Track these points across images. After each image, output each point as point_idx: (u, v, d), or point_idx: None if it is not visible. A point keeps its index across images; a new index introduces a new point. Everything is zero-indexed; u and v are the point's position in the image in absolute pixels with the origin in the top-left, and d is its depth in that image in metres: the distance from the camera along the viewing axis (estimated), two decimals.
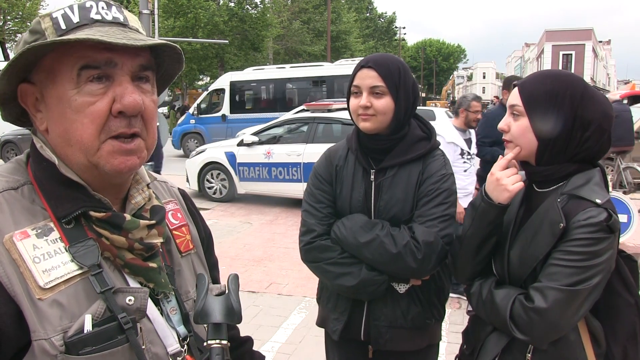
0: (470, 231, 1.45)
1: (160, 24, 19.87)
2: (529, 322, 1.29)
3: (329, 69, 16.01)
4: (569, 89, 1.34)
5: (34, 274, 0.75)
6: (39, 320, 0.73)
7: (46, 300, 0.74)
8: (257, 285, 4.81)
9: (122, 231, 0.83)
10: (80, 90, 0.78)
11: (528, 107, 1.37)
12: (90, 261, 0.79)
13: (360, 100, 1.66)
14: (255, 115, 15.64)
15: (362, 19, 46.60)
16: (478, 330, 1.51)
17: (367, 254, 1.64)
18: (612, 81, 74.57)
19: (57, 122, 0.81)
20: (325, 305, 1.85)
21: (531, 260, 1.34)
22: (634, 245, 6.01)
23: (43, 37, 0.79)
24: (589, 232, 1.25)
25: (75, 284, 0.78)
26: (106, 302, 0.78)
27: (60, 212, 0.80)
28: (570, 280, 1.25)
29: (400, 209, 1.67)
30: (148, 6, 7.49)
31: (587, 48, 44.83)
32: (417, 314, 1.71)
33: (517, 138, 1.40)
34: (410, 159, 1.70)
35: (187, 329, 0.93)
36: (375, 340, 1.73)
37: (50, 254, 0.78)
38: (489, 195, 1.40)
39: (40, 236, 0.78)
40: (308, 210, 1.77)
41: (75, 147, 0.81)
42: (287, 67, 16.92)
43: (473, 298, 1.48)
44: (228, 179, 8.48)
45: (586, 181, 1.34)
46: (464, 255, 1.49)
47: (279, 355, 3.51)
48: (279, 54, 31.51)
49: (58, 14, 0.81)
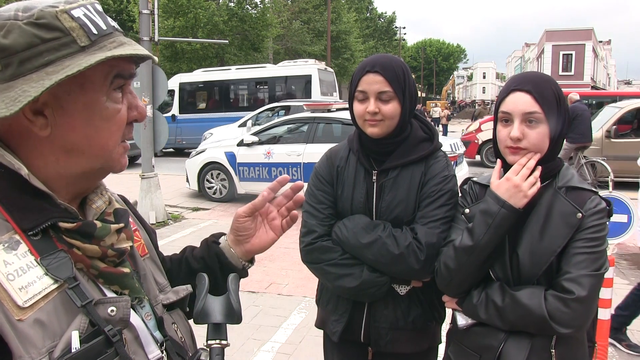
0: (484, 240, 1.39)
1: (160, 24, 19.85)
2: (571, 314, 1.31)
3: (271, 71, 16.89)
4: (560, 89, 1.44)
5: (10, 293, 0.68)
6: (22, 344, 0.67)
7: (26, 320, 0.68)
8: (257, 285, 4.81)
9: (93, 239, 0.78)
10: (109, 98, 0.79)
11: (547, 113, 1.38)
12: (64, 274, 0.73)
13: (366, 105, 1.64)
14: (203, 115, 16.49)
15: (362, 19, 46.57)
16: (483, 342, 1.45)
17: (369, 255, 1.63)
18: (612, 81, 74.58)
19: (77, 129, 0.77)
20: (325, 307, 1.85)
21: (547, 255, 1.37)
22: (634, 245, 6.01)
23: (67, 36, 0.73)
24: (600, 218, 1.37)
25: (54, 299, 0.72)
26: (88, 315, 0.73)
27: (25, 223, 0.73)
28: (597, 265, 1.34)
29: (403, 210, 1.67)
30: (148, 6, 7.47)
31: (587, 48, 44.78)
32: (417, 315, 1.70)
33: (535, 145, 1.40)
34: (412, 160, 1.69)
35: (162, 333, 0.90)
36: (376, 342, 1.73)
37: (24, 269, 0.71)
38: (508, 201, 1.38)
39: (8, 250, 0.71)
40: (309, 211, 1.76)
41: (88, 153, 0.79)
42: (232, 69, 17.65)
43: (480, 308, 1.43)
44: (228, 179, 8.48)
45: (572, 174, 1.45)
46: (472, 265, 1.43)
47: (279, 355, 3.51)
48: (279, 54, 31.48)
49: (78, 12, 0.75)
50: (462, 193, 1.62)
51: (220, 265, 1.10)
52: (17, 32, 0.71)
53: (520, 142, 1.40)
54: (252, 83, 17.13)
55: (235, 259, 1.12)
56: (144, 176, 7.41)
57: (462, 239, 1.45)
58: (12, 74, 0.72)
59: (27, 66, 0.72)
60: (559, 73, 43.88)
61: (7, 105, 0.70)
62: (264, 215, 1.13)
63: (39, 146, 0.77)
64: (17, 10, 0.73)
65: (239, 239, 1.11)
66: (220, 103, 17.20)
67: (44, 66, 0.72)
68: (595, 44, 49.10)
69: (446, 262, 1.49)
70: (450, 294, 1.54)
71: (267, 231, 1.13)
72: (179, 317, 0.98)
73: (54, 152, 0.78)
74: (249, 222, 1.11)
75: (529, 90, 1.39)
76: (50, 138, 0.77)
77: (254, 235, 1.12)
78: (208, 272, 1.04)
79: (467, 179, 1.64)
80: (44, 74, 0.71)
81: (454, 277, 1.47)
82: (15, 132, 0.77)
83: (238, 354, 3.48)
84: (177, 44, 23.59)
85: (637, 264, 5.52)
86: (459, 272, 1.46)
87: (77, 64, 0.72)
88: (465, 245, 1.43)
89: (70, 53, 0.73)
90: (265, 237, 1.12)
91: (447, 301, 1.58)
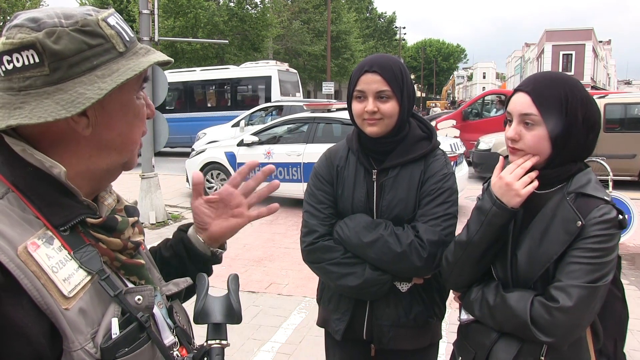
0: (477, 236, 1.41)
1: (160, 24, 19.87)
2: (553, 323, 1.27)
3: (234, 72, 17.29)
4: (577, 92, 1.35)
5: (57, 284, 0.73)
6: (72, 331, 0.73)
7: (72, 309, 0.74)
8: (257, 285, 4.81)
9: (114, 233, 0.84)
10: (137, 97, 0.87)
11: (545, 115, 1.33)
12: (96, 266, 0.79)
13: (365, 105, 1.65)
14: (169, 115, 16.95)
15: (362, 19, 46.59)
16: (479, 339, 1.47)
17: (372, 254, 1.64)
18: (612, 81, 74.62)
19: (115, 127, 0.83)
20: (326, 306, 1.85)
21: (543, 260, 1.33)
22: (634, 245, 6.01)
23: (108, 42, 0.80)
24: (605, 228, 1.28)
25: (89, 290, 0.78)
26: (121, 304, 0.79)
27: (56, 220, 0.78)
28: (591, 277, 1.26)
29: (403, 209, 1.68)
30: (148, 6, 7.47)
31: (587, 48, 44.82)
32: (419, 312, 1.72)
33: (532, 147, 1.37)
34: (412, 159, 1.70)
35: (172, 321, 0.95)
36: (378, 340, 1.74)
37: (62, 262, 0.76)
38: (500, 199, 1.38)
39: (47, 245, 0.76)
40: (309, 211, 1.77)
41: (120, 149, 0.86)
42: (197, 70, 18.06)
43: (475, 305, 1.45)
44: (228, 179, 8.47)
45: (588, 180, 1.36)
46: (467, 261, 1.45)
47: (279, 355, 3.51)
48: (279, 53, 31.50)
49: (112, 21, 0.82)
50: (482, 191, 1.61)
51: (186, 252, 1.11)
52: (66, 38, 0.76)
53: (516, 143, 1.38)
54: (216, 84, 17.45)
55: (202, 245, 1.12)
56: (144, 176, 7.41)
57: (461, 234, 1.48)
58: (60, 77, 0.76)
59: (75, 70, 0.76)
60: None
61: (64, 107, 0.74)
62: (226, 202, 1.12)
63: (75, 145, 0.81)
64: (59, 17, 0.77)
65: (198, 225, 1.12)
66: (186, 103, 17.50)
67: (91, 70, 0.77)
68: (595, 44, 49.13)
69: (447, 255, 1.54)
70: (449, 287, 1.58)
71: (228, 219, 1.12)
72: (179, 307, 1.02)
73: (89, 150, 0.83)
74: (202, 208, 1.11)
75: (528, 91, 1.37)
76: (90, 137, 0.81)
77: (211, 223, 1.11)
78: (177, 259, 1.11)
79: (489, 177, 1.63)
80: (95, 77, 0.77)
81: (453, 270, 1.51)
82: (54, 132, 0.80)
83: (238, 354, 3.48)
84: (177, 44, 23.60)
85: (637, 264, 5.53)
86: (455, 265, 1.49)
87: (129, 68, 0.80)
88: (461, 240, 1.46)
89: (112, 58, 0.80)
90: (225, 224, 1.12)
91: (454, 295, 1.62)
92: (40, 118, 0.73)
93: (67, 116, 0.74)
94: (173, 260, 1.12)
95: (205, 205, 1.11)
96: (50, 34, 0.75)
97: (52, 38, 0.75)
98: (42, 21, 0.76)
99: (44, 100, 0.75)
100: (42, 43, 0.74)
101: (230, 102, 17.09)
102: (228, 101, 17.22)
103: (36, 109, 0.74)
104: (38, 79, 0.75)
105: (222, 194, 1.12)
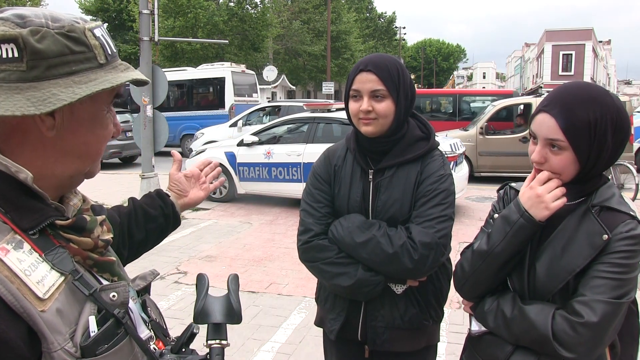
0: (499, 247, 1.35)
1: (160, 24, 19.88)
2: (576, 338, 1.23)
3: (191, 73, 17.52)
4: (606, 112, 1.27)
5: (31, 287, 0.74)
6: (51, 332, 0.74)
7: (49, 310, 0.74)
8: (257, 285, 4.81)
9: (84, 233, 0.85)
10: (107, 112, 0.88)
11: (573, 141, 1.27)
12: (68, 267, 0.80)
13: (360, 104, 1.65)
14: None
15: (362, 19, 46.60)
16: (492, 352, 1.41)
17: (364, 254, 1.64)
18: (612, 81, 74.56)
19: (81, 134, 0.84)
20: (323, 305, 1.86)
21: (564, 273, 1.29)
22: None
23: (90, 52, 0.81)
24: (631, 244, 1.24)
25: (64, 291, 0.79)
26: (96, 302, 0.81)
27: (25, 223, 0.78)
28: (617, 293, 1.23)
29: (398, 209, 1.67)
30: (148, 6, 7.47)
31: (587, 48, 44.76)
32: (414, 315, 1.70)
33: (557, 171, 1.32)
34: (408, 159, 1.69)
35: (146, 315, 0.97)
36: (372, 341, 1.73)
37: (34, 265, 0.76)
38: (528, 211, 1.32)
39: (17, 249, 0.76)
40: (306, 210, 1.77)
41: (84, 158, 0.87)
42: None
43: (489, 316, 1.40)
44: (228, 178, 8.47)
45: (612, 194, 1.33)
46: (486, 271, 1.39)
47: (279, 355, 3.52)
48: (279, 53, 31.51)
49: (98, 32, 0.84)
50: (498, 198, 1.57)
51: (173, 214, 1.37)
52: (50, 39, 0.77)
53: (542, 166, 1.33)
54: (174, 85, 17.43)
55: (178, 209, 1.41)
56: (144, 176, 7.42)
57: (480, 243, 1.42)
58: (36, 76, 0.76)
59: (53, 72, 0.77)
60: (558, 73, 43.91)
61: (34, 104, 0.75)
62: (196, 178, 1.47)
63: (42, 148, 0.82)
64: (47, 19, 0.78)
65: (179, 194, 1.42)
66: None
67: (69, 75, 0.78)
68: (595, 44, 49.10)
69: (462, 264, 1.47)
70: (463, 297, 1.52)
71: (198, 191, 1.47)
72: (150, 302, 1.04)
73: (54, 153, 0.83)
74: (183, 179, 1.43)
75: (554, 114, 1.28)
76: (54, 139, 0.81)
77: (189, 192, 1.44)
78: (164, 219, 1.34)
79: (505, 183, 1.59)
80: (72, 82, 0.78)
81: (468, 280, 1.45)
82: (20, 130, 0.80)
83: (238, 354, 3.48)
84: (177, 44, 23.61)
85: None
86: (472, 275, 1.43)
87: (106, 80, 0.81)
88: (481, 249, 1.40)
89: (91, 68, 0.81)
90: (198, 194, 1.46)
91: (464, 305, 1.55)
92: (7, 111, 0.73)
93: (36, 113, 0.74)
94: (160, 219, 1.33)
95: (184, 179, 1.44)
96: (34, 32, 0.75)
97: (36, 37, 0.75)
98: (29, 19, 0.77)
99: (15, 95, 0.75)
100: (24, 39, 0.75)
101: (187, 103, 17.27)
102: (185, 101, 17.42)
103: (5, 102, 0.74)
104: (13, 74, 0.75)
105: (193, 172, 1.47)
